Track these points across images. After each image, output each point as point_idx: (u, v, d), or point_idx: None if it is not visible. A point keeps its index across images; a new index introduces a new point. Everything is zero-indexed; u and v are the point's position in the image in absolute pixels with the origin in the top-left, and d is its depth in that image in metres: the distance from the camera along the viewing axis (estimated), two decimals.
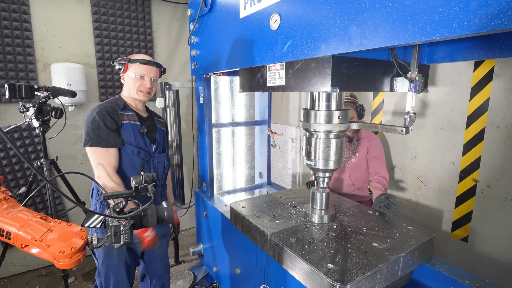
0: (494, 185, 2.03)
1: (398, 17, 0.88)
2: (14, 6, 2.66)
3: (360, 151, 2.30)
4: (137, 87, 1.73)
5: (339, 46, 1.07)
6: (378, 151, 2.26)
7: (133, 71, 1.72)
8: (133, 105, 1.81)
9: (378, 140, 2.30)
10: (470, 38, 1.31)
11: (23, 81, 2.78)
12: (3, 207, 1.02)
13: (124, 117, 1.71)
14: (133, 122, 1.73)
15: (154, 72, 1.77)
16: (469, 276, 1.32)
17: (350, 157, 2.33)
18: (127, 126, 1.70)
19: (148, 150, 1.77)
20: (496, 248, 2.05)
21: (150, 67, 1.74)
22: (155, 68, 1.77)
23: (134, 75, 1.72)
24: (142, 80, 1.73)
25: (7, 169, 2.80)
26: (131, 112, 1.75)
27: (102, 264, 1.70)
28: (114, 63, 1.75)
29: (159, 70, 1.82)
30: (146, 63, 1.72)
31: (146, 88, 1.74)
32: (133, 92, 1.75)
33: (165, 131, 2.00)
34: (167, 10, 3.53)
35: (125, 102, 1.77)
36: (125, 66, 1.72)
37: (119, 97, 1.79)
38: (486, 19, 0.71)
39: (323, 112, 1.49)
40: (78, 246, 0.96)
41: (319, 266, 1.23)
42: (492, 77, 1.97)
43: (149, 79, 1.74)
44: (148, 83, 1.74)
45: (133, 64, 1.72)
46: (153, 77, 1.76)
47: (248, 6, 1.51)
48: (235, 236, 1.97)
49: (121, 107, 1.73)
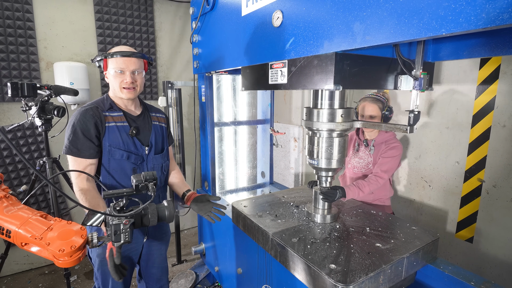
0: (500, 185, 2.00)
1: (403, 13, 0.86)
2: (17, 5, 2.67)
3: (375, 157, 2.07)
4: (118, 84, 1.54)
5: (342, 43, 1.05)
6: (389, 154, 2.00)
7: (112, 66, 1.53)
8: (122, 104, 1.63)
9: (399, 145, 2.02)
10: (476, 35, 1.29)
11: (26, 79, 2.79)
12: (3, 205, 1.02)
13: (109, 119, 1.54)
14: (119, 124, 1.56)
15: (136, 64, 1.55)
16: (474, 277, 1.30)
17: (367, 163, 2.11)
18: (112, 129, 1.54)
19: (139, 153, 1.61)
20: (502, 249, 2.02)
21: (129, 59, 1.53)
22: (136, 59, 1.55)
23: (113, 71, 1.53)
24: (122, 75, 1.53)
25: (11, 167, 2.81)
26: (117, 112, 1.58)
27: (97, 270, 1.65)
28: (94, 61, 1.59)
29: (144, 61, 1.61)
30: (124, 55, 1.51)
31: (127, 83, 1.53)
32: (117, 90, 1.56)
33: (165, 127, 1.80)
34: (170, 9, 3.52)
35: (111, 102, 1.60)
36: (103, 62, 1.55)
37: (106, 97, 1.63)
38: (494, 13, 0.69)
39: (326, 110, 1.47)
40: (78, 244, 0.95)
41: (321, 266, 1.21)
42: (498, 75, 1.94)
43: (130, 73, 1.53)
44: (129, 77, 1.53)
45: (111, 59, 1.53)
46: (135, 69, 1.55)
47: (250, 4, 1.50)
48: (237, 236, 1.96)
49: (107, 107, 1.57)
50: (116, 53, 1.52)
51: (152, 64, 1.72)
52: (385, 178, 1.97)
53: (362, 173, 2.13)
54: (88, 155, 1.50)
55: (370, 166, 2.09)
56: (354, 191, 1.88)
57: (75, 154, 1.48)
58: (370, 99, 2.02)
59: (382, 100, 2.00)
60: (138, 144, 1.61)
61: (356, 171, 2.17)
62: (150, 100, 3.49)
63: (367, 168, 2.10)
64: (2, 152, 2.75)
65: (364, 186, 1.91)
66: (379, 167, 1.99)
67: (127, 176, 1.58)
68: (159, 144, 1.73)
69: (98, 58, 1.57)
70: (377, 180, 1.95)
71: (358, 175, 2.15)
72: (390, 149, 2.00)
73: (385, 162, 1.99)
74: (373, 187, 1.93)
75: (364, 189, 1.90)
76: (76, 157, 1.49)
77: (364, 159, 2.13)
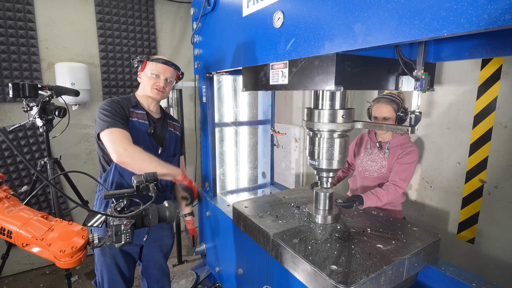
0: (502, 186, 1.99)
1: (404, 13, 0.86)
2: (19, 5, 2.67)
3: (390, 161, 1.98)
4: (151, 85, 1.70)
5: (343, 43, 1.05)
6: (407, 159, 1.91)
7: (150, 69, 1.70)
8: (146, 105, 1.76)
9: (415, 150, 1.94)
10: (477, 36, 1.28)
11: (27, 80, 2.80)
12: (5, 205, 1.02)
13: (134, 114, 1.67)
14: (141, 120, 1.69)
15: (170, 73, 1.74)
16: (475, 278, 1.30)
17: (380, 166, 2.03)
18: (133, 124, 1.65)
19: (153, 151, 1.70)
20: (504, 250, 2.02)
21: (167, 67, 1.72)
22: (172, 69, 1.75)
23: (150, 73, 1.69)
24: (157, 78, 1.70)
25: (12, 168, 2.82)
26: (141, 111, 1.71)
27: (97, 260, 1.73)
28: (134, 61, 1.74)
29: (176, 73, 1.80)
30: (163, 63, 1.71)
31: (160, 86, 1.70)
32: (147, 89, 1.71)
33: (179, 135, 1.92)
34: (171, 9, 3.53)
35: (137, 101, 1.73)
36: (143, 64, 1.71)
37: (132, 95, 1.77)
38: (496, 14, 0.68)
39: (326, 111, 1.47)
40: (78, 245, 0.95)
41: (322, 267, 1.21)
42: (499, 76, 1.93)
43: (164, 79, 1.71)
44: (163, 82, 1.71)
45: (151, 63, 1.70)
46: (169, 78, 1.73)
47: (251, 4, 1.50)
48: (238, 236, 1.96)
49: (133, 104, 1.70)
50: (158, 59, 1.70)
51: (181, 78, 1.90)
52: (404, 188, 1.88)
53: (374, 176, 2.05)
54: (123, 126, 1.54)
55: (383, 170, 2.00)
56: (372, 199, 1.80)
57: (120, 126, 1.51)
58: (384, 99, 1.92)
59: (397, 101, 1.91)
60: (153, 142, 1.71)
61: (368, 174, 2.08)
62: None
63: (380, 172, 2.02)
64: (4, 152, 2.75)
65: (383, 195, 1.82)
66: (397, 175, 1.89)
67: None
68: (171, 149, 1.83)
69: (139, 59, 1.71)
70: (396, 189, 1.86)
71: (370, 178, 2.07)
72: (407, 154, 1.91)
73: (403, 170, 1.89)
74: (391, 196, 1.85)
75: (383, 198, 1.82)
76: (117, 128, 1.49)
77: (377, 162, 2.04)
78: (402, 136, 1.99)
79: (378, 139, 2.06)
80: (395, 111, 1.90)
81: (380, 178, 2.03)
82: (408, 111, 1.92)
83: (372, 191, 1.84)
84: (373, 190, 1.85)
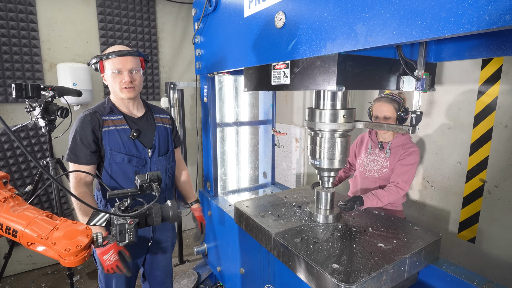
0: (502, 185, 2.00)
1: (405, 14, 0.87)
2: (21, 6, 2.68)
3: (392, 161, 1.97)
4: (118, 84, 1.52)
5: (345, 44, 1.06)
6: (409, 160, 1.90)
7: (109, 67, 1.50)
8: (123, 106, 1.62)
9: (416, 150, 1.93)
10: (477, 36, 1.29)
11: (29, 80, 2.81)
12: (10, 205, 1.03)
13: (109, 123, 1.54)
14: (120, 127, 1.55)
15: (132, 63, 1.52)
16: (476, 277, 1.30)
17: (382, 167, 2.01)
18: (112, 133, 1.53)
19: (141, 156, 1.59)
20: (504, 249, 2.02)
21: (126, 58, 1.50)
22: (132, 57, 1.52)
23: (110, 71, 1.50)
24: (120, 75, 1.51)
25: (14, 168, 2.83)
26: (118, 116, 1.57)
27: (101, 273, 1.67)
28: (90, 65, 1.57)
29: (139, 59, 1.57)
30: (120, 55, 1.48)
31: (126, 82, 1.51)
32: (116, 91, 1.54)
33: (169, 128, 1.77)
34: (172, 10, 3.54)
35: (112, 105, 1.59)
36: (100, 65, 1.52)
37: (107, 100, 1.63)
38: (496, 15, 0.69)
39: (328, 111, 1.48)
40: (83, 244, 0.96)
41: (324, 266, 1.22)
42: (500, 76, 1.94)
43: (127, 72, 1.50)
44: (127, 76, 1.50)
45: (107, 60, 1.50)
46: (133, 68, 1.52)
47: (252, 5, 1.51)
48: (239, 236, 1.96)
49: (107, 111, 1.56)
50: (112, 54, 1.49)
51: (148, 61, 1.67)
52: (406, 190, 1.87)
53: (375, 177, 2.04)
54: (85, 162, 1.52)
55: (385, 170, 1.99)
56: (372, 200, 1.79)
57: (73, 161, 1.52)
58: (385, 99, 1.92)
59: (398, 100, 1.91)
60: (140, 146, 1.59)
61: (369, 175, 2.06)
62: (153, 101, 3.50)
63: (382, 172, 2.01)
64: (6, 152, 2.76)
65: (384, 196, 1.81)
66: (400, 177, 1.88)
67: (130, 179, 1.57)
68: (163, 146, 1.70)
69: (94, 61, 1.54)
70: (398, 191, 1.85)
71: (371, 179, 2.06)
72: (408, 155, 1.91)
73: (405, 171, 1.89)
74: (392, 197, 1.84)
75: (383, 199, 1.81)
76: (74, 163, 1.53)
77: (378, 162, 2.03)
78: (403, 136, 1.99)
79: (379, 140, 2.05)
80: (396, 110, 1.90)
81: (381, 178, 2.02)
82: (409, 111, 1.91)
83: (373, 192, 1.84)
84: (374, 191, 1.86)
